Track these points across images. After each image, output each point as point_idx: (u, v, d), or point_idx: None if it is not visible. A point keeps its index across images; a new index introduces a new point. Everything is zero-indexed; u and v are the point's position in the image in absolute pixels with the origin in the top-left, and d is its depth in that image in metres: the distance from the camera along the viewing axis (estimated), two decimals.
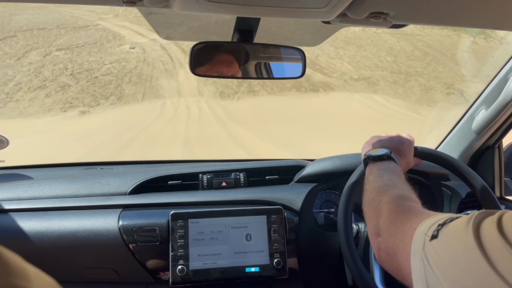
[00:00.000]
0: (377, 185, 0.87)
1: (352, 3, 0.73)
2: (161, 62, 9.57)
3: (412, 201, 0.78)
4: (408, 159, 1.06)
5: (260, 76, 1.23)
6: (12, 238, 1.21)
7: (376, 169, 0.94)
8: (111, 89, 8.28)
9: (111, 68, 9.20)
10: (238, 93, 8.06)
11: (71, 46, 10.19)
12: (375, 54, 10.16)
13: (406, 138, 1.11)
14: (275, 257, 1.22)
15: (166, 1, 0.74)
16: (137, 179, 1.35)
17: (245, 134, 6.23)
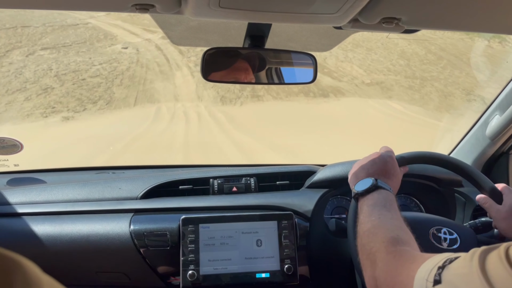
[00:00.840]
0: (367, 228, 0.86)
1: (364, 8, 0.73)
2: (156, 64, 8.82)
3: (402, 244, 0.77)
4: (396, 175, 1.04)
5: (272, 81, 1.23)
6: (25, 242, 1.22)
7: (365, 206, 0.93)
8: (99, 93, 7.53)
9: (101, 70, 8.43)
10: (241, 98, 7.45)
11: (57, 45, 9.40)
12: (386, 58, 9.67)
13: (386, 154, 1.08)
14: (285, 263, 1.21)
15: (179, 8, 0.74)
16: (148, 184, 1.36)
17: (254, 145, 5.66)
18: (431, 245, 1.05)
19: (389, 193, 0.95)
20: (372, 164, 1.04)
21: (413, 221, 1.07)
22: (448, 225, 1.10)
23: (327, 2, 0.70)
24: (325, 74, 8.83)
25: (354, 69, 9.20)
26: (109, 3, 0.74)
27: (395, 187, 1.02)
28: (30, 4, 0.77)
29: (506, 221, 1.07)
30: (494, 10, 0.75)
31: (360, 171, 1.03)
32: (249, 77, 1.16)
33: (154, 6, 0.72)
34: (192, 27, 7.95)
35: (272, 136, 5.79)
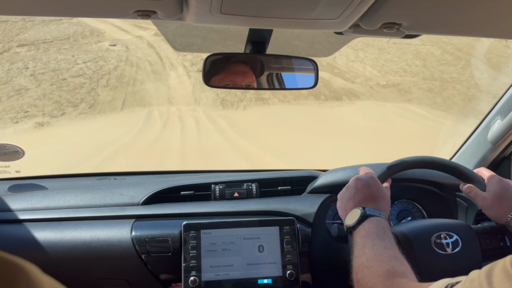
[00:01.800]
0: (361, 262, 0.85)
1: (365, 14, 0.73)
2: (148, 62, 7.99)
3: (398, 276, 0.76)
4: (382, 196, 1.02)
5: (272, 87, 1.24)
6: (27, 248, 1.22)
7: (358, 238, 0.92)
8: (82, 94, 6.68)
9: (85, 69, 7.56)
10: (244, 101, 6.67)
11: (36, 41, 8.47)
12: (400, 58, 8.91)
13: (366, 176, 1.06)
14: (287, 269, 1.21)
15: (180, 14, 0.75)
16: (150, 190, 1.36)
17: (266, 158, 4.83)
18: (437, 254, 1.04)
19: (380, 219, 0.94)
20: (356, 191, 1.02)
21: (412, 234, 1.07)
22: (445, 227, 1.09)
23: (328, 8, 0.70)
24: (336, 75, 8.13)
25: (367, 69, 8.51)
26: (111, 10, 0.74)
27: (385, 209, 1.01)
28: (30, 11, 0.77)
29: (494, 209, 1.07)
30: (495, 15, 0.75)
31: (347, 203, 1.02)
32: (247, 80, 1.17)
33: (156, 12, 0.72)
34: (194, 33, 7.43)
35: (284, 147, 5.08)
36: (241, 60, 1.15)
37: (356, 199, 1.00)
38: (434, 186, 1.41)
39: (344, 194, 1.06)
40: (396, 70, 8.49)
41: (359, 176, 1.06)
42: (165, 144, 5.29)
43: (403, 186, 1.41)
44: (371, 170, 1.11)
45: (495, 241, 1.10)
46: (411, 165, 1.17)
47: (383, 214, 0.96)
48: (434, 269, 1.02)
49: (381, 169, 1.14)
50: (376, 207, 0.97)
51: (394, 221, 1.42)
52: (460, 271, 0.99)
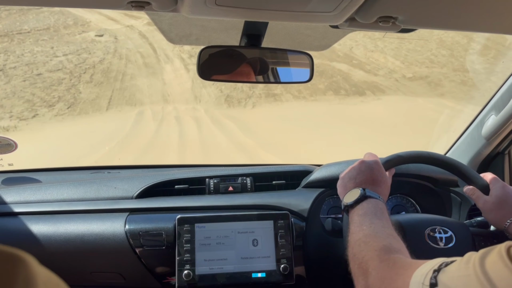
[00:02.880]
0: (358, 237, 0.86)
1: (361, 7, 0.73)
2: (140, 55, 7.01)
3: (395, 252, 0.77)
4: (384, 181, 1.03)
5: (267, 80, 1.23)
6: (20, 241, 1.21)
7: (356, 216, 0.92)
8: (59, 92, 5.68)
9: (65, 62, 6.55)
10: (252, 98, 5.80)
11: (11, 32, 7.42)
12: (424, 47, 7.91)
13: (372, 160, 1.06)
14: (281, 263, 1.21)
15: (175, 5, 0.74)
16: (144, 183, 1.35)
17: None
18: (429, 246, 1.05)
19: (379, 202, 0.95)
20: (358, 173, 1.03)
21: (407, 224, 1.07)
22: (441, 223, 1.10)
23: (323, 1, 0.69)
24: (356, 67, 7.20)
25: (389, 60, 7.54)
26: (105, 0, 0.73)
27: (385, 194, 1.02)
28: (24, 1, 0.76)
29: (494, 212, 1.08)
30: (491, 9, 0.75)
31: (348, 182, 1.03)
32: (252, 80, 1.17)
33: (150, 3, 0.72)
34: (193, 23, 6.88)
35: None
36: (247, 61, 1.14)
37: (358, 180, 1.01)
38: (428, 181, 1.41)
39: (346, 174, 1.06)
40: (422, 61, 7.51)
41: (364, 159, 1.07)
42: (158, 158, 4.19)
43: (397, 181, 1.41)
44: (376, 156, 1.11)
45: (489, 245, 1.11)
46: (415, 159, 1.17)
47: (382, 198, 0.97)
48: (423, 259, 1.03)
49: (385, 157, 1.15)
50: (376, 190, 0.98)
51: None
52: None
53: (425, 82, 6.75)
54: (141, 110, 5.35)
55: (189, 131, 4.87)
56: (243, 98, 5.83)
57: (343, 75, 6.91)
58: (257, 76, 1.18)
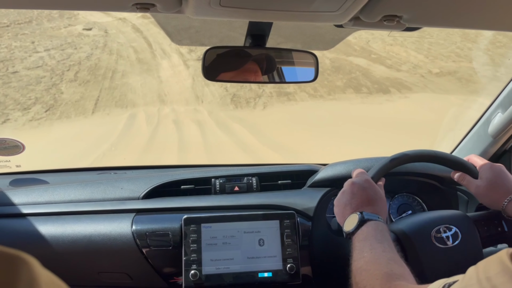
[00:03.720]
0: (360, 265, 0.85)
1: (365, 6, 0.72)
2: (132, 49, 6.26)
3: (397, 278, 0.76)
4: (378, 197, 1.01)
5: (272, 80, 1.23)
6: (28, 242, 1.22)
7: (357, 242, 0.91)
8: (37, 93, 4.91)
9: (46, 58, 5.79)
10: (263, 97, 5.07)
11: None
12: (447, 40, 7.24)
13: (361, 179, 1.04)
14: (288, 263, 1.21)
15: (179, 7, 0.74)
16: (150, 184, 1.36)
17: None
18: (438, 249, 1.04)
19: (379, 223, 0.93)
20: (352, 196, 1.01)
21: (411, 231, 1.06)
22: (443, 221, 1.09)
23: (328, 1, 0.69)
24: (375, 62, 6.56)
25: (411, 54, 6.85)
26: (110, 2, 0.74)
27: (383, 210, 1.00)
28: (29, 5, 0.77)
29: (488, 196, 1.07)
30: (496, 7, 0.74)
31: (344, 209, 1.01)
32: (258, 79, 1.17)
33: (154, 5, 0.72)
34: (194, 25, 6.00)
35: None
36: (253, 58, 1.14)
37: (353, 204, 0.99)
38: (434, 179, 1.40)
39: (340, 200, 1.04)
40: (447, 55, 6.78)
41: (354, 180, 1.05)
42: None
43: (403, 179, 1.41)
44: (364, 172, 1.09)
45: (492, 228, 1.10)
46: (398, 163, 1.16)
47: (381, 217, 0.96)
48: (437, 264, 1.02)
49: (374, 168, 1.13)
50: (373, 210, 0.96)
51: (394, 215, 1.42)
52: (462, 263, 0.99)
53: (455, 78, 6.06)
54: (133, 113, 4.62)
55: (190, 138, 4.11)
56: (252, 97, 5.02)
57: (362, 71, 6.26)
58: (263, 74, 1.18)
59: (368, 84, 5.66)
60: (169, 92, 5.22)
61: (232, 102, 4.97)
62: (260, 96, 5.00)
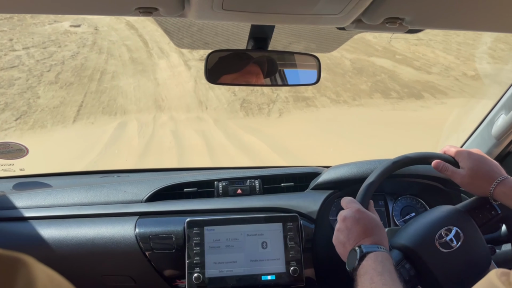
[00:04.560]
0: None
1: (367, 9, 0.72)
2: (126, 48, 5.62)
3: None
4: (374, 225, 0.98)
5: (275, 83, 1.23)
6: (31, 246, 1.23)
7: (358, 278, 0.90)
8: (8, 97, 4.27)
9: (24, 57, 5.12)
10: (277, 102, 4.42)
11: None
12: (476, 40, 6.65)
13: (352, 211, 1.01)
14: (291, 265, 1.21)
15: (182, 11, 0.74)
16: (153, 187, 1.36)
17: None
18: (446, 254, 1.01)
19: (378, 253, 0.91)
20: (348, 232, 0.99)
21: (415, 245, 1.04)
22: (442, 223, 1.07)
23: (330, 3, 0.70)
24: (401, 63, 5.96)
25: (439, 55, 6.28)
26: (112, 7, 0.74)
27: (381, 236, 0.97)
28: (31, 9, 0.77)
29: (473, 184, 1.06)
30: (498, 8, 0.74)
31: (344, 247, 0.99)
32: (260, 81, 1.17)
33: (157, 9, 0.72)
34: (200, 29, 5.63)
35: None
36: (255, 60, 1.14)
37: (351, 240, 0.97)
38: (437, 181, 1.40)
39: (338, 238, 1.02)
40: (480, 56, 6.21)
41: (345, 214, 1.02)
42: None
43: (406, 182, 1.41)
44: (353, 200, 1.06)
45: (487, 213, 1.09)
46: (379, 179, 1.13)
47: (381, 246, 0.93)
48: (449, 269, 1.01)
49: (361, 192, 1.10)
50: (372, 241, 0.94)
51: (398, 217, 1.42)
52: (471, 260, 1.01)
53: (494, 82, 5.43)
54: (123, 122, 3.93)
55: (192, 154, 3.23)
56: (264, 103, 4.33)
57: (388, 73, 5.77)
58: (265, 77, 1.18)
59: (397, 88, 4.98)
60: (167, 97, 4.53)
61: (242, 109, 4.22)
62: (274, 102, 4.27)
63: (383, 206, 1.44)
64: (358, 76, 5.79)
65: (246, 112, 4.15)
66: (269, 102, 4.38)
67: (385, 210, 1.43)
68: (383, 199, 1.44)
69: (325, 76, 5.18)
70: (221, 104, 4.37)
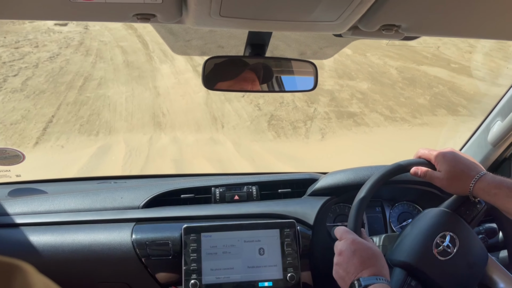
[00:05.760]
0: None
1: (364, 16, 0.73)
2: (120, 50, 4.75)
3: None
4: (371, 254, 0.96)
5: (272, 89, 1.24)
6: (27, 252, 1.22)
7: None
8: None
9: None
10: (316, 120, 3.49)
11: None
12: None
13: (347, 243, 0.99)
14: (288, 272, 1.20)
15: (179, 17, 0.75)
16: (150, 193, 1.36)
17: None
18: (445, 262, 1.02)
19: (377, 286, 0.90)
20: (346, 265, 0.97)
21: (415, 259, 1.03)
22: (435, 231, 1.06)
23: (327, 10, 0.70)
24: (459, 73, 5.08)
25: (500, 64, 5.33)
26: (111, 14, 0.75)
27: (380, 265, 0.95)
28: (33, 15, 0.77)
29: (454, 185, 1.06)
30: (494, 16, 0.75)
31: (344, 281, 0.98)
32: (257, 87, 1.17)
33: (155, 15, 0.73)
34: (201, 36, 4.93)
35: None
36: (250, 67, 1.15)
37: (350, 273, 0.96)
38: (434, 187, 1.40)
39: (337, 273, 1.01)
40: None
41: (341, 248, 1.00)
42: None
43: (403, 188, 1.41)
44: (346, 229, 1.05)
45: (473, 208, 1.09)
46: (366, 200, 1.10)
47: (380, 277, 0.92)
48: (452, 275, 1.02)
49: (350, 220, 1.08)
50: (370, 272, 0.93)
51: (395, 223, 1.42)
52: (470, 259, 1.02)
53: None
54: (105, 145, 2.92)
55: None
56: (300, 120, 3.36)
57: (446, 85, 4.98)
58: (261, 83, 1.19)
59: (463, 103, 4.14)
60: (170, 111, 3.47)
61: (271, 127, 3.23)
62: (312, 119, 3.36)
63: (380, 212, 1.44)
64: (411, 88, 4.83)
65: (277, 132, 3.13)
66: (305, 119, 3.39)
67: (382, 217, 1.43)
68: (380, 205, 1.44)
69: (371, 87, 4.40)
70: (241, 121, 3.33)
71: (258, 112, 3.46)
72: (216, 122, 3.35)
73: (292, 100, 3.83)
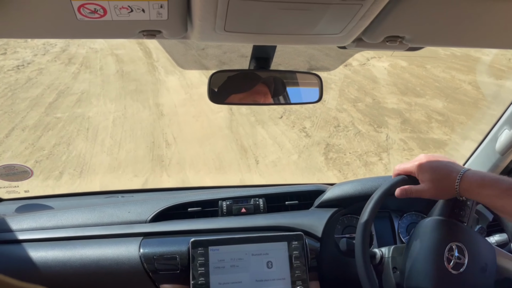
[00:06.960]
0: None
1: (368, 28, 0.74)
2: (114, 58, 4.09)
3: None
4: None
5: (278, 102, 1.24)
6: (36, 268, 1.22)
7: None
8: None
9: None
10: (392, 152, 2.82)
11: None
12: None
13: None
14: (297, 285, 1.19)
15: (185, 33, 0.76)
16: (157, 207, 1.36)
17: None
18: (460, 277, 1.00)
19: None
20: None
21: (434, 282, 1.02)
22: (441, 244, 1.04)
23: (331, 23, 0.71)
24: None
25: None
26: (117, 31, 0.76)
27: None
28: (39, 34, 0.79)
29: (440, 193, 1.05)
30: (497, 25, 0.75)
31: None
32: (268, 101, 1.19)
33: (161, 32, 0.74)
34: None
35: None
36: (263, 80, 1.17)
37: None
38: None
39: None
40: None
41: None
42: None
43: (411, 198, 1.40)
44: None
45: (465, 207, 1.07)
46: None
47: None
48: (472, 284, 1.01)
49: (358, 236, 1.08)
50: None
51: (404, 234, 1.40)
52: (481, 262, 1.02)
53: None
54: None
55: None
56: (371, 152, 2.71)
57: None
58: (273, 96, 1.20)
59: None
60: (178, 138, 2.69)
61: (330, 163, 2.46)
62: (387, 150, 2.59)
63: (388, 223, 1.42)
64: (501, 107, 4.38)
65: (341, 171, 2.29)
66: (377, 151, 2.59)
67: (390, 227, 1.42)
68: (388, 216, 1.43)
69: (448, 106, 3.81)
70: (284, 153, 2.53)
71: (306, 140, 2.68)
72: (247, 156, 2.54)
73: (350, 122, 3.12)
